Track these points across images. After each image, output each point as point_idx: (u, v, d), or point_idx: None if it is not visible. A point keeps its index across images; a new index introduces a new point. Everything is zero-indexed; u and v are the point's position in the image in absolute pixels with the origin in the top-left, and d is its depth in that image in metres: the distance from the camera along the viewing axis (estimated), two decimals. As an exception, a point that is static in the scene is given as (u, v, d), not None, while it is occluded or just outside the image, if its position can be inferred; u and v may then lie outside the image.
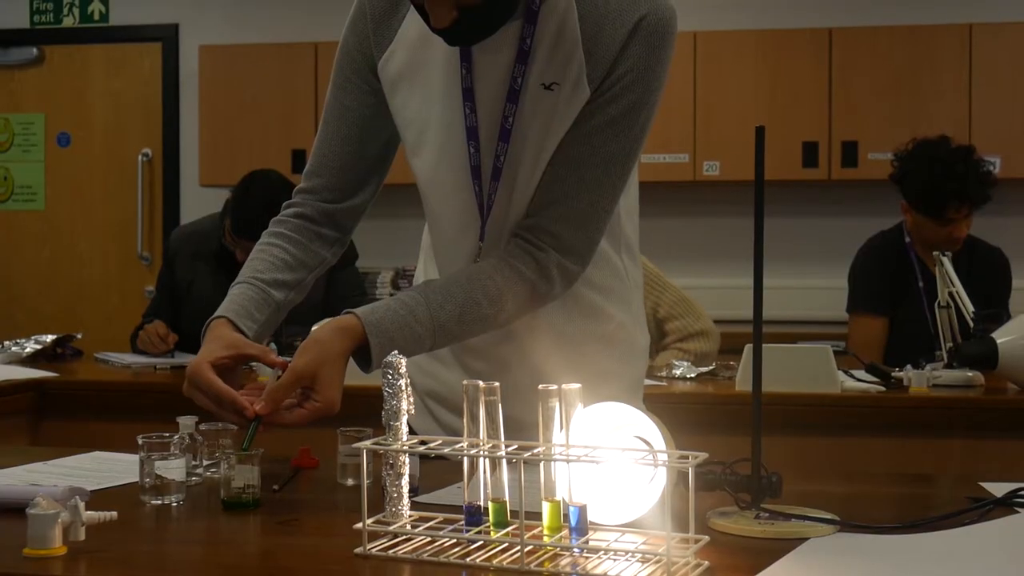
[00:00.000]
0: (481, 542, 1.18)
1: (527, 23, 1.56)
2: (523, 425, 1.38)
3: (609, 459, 1.17)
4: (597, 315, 1.73)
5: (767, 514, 1.30)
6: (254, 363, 3.15)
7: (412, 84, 1.64)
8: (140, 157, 6.27)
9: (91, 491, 1.36)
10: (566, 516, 1.17)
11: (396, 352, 1.28)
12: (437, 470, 1.57)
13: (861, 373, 2.98)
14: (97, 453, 1.78)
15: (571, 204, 1.60)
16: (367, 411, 1.67)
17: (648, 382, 1.87)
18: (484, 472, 1.21)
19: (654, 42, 1.55)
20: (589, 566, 1.12)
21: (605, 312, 1.73)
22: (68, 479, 1.54)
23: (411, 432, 1.70)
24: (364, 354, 1.52)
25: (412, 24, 1.62)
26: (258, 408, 1.46)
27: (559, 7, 1.56)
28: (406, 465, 1.26)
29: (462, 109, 1.60)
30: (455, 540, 1.20)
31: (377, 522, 1.22)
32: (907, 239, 3.61)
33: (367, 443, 1.23)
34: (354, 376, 1.53)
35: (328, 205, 1.74)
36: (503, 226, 1.65)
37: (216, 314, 1.61)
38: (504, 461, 1.20)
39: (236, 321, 1.59)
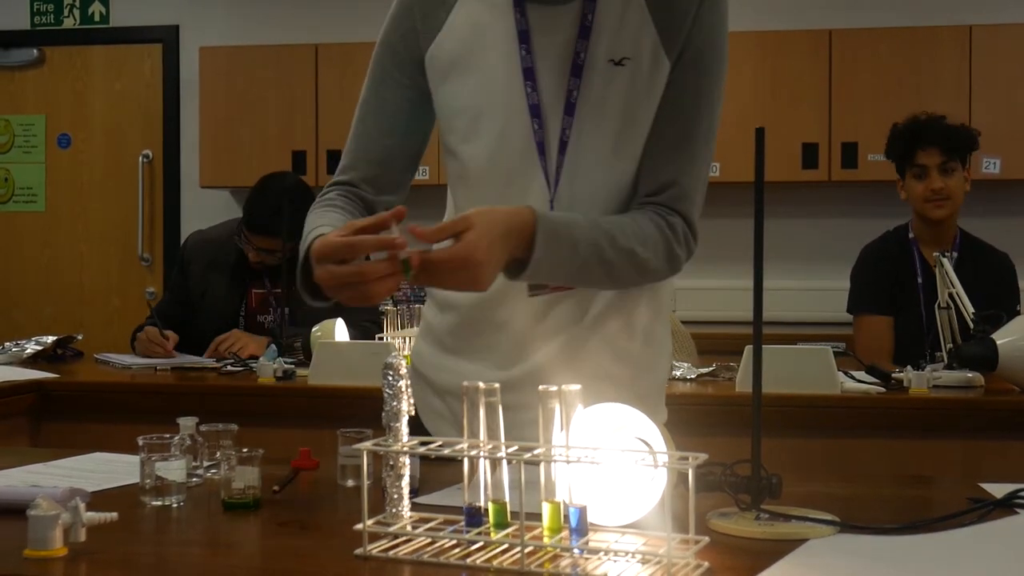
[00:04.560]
0: (481, 543, 1.18)
1: (587, 0, 1.59)
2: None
3: (609, 460, 1.17)
4: (650, 338, 1.74)
5: (767, 515, 1.30)
6: (253, 365, 3.20)
7: (465, 71, 1.64)
8: (140, 158, 6.27)
9: (91, 492, 1.36)
10: (566, 517, 1.17)
11: (396, 353, 1.28)
12: (438, 471, 1.57)
13: (861, 374, 2.98)
14: (97, 454, 1.78)
15: (684, 182, 1.63)
16: (367, 412, 1.67)
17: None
18: (484, 473, 1.21)
19: (722, 8, 1.62)
20: (589, 567, 1.12)
21: (656, 333, 1.75)
22: (68, 480, 1.54)
23: (426, 433, 1.71)
24: (519, 265, 1.50)
25: (462, 13, 1.65)
26: (419, 232, 1.38)
27: None
28: (406, 466, 1.26)
29: (523, 88, 1.61)
30: (455, 541, 1.20)
31: (377, 523, 1.23)
32: (911, 235, 3.61)
33: (367, 444, 1.23)
34: (354, 376, 1.54)
35: (368, 196, 1.72)
36: (571, 201, 1.64)
37: (314, 235, 1.50)
38: (504, 462, 1.20)
39: None
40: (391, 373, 1.26)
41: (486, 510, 1.21)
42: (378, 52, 1.72)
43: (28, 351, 3.56)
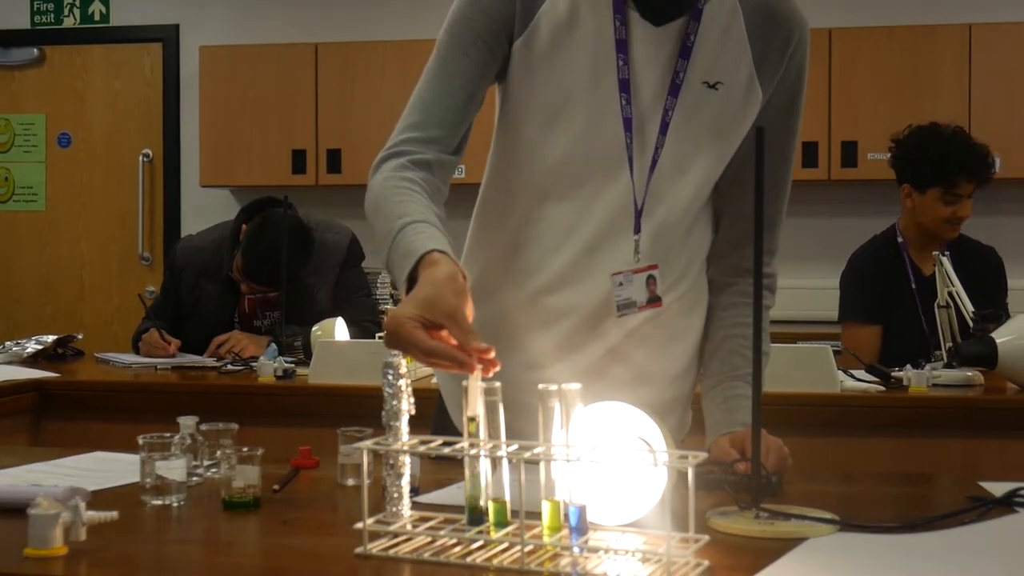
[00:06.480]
0: (481, 542, 1.18)
1: (691, 19, 1.59)
2: None
3: (609, 459, 1.17)
4: (693, 349, 1.76)
5: (767, 514, 1.30)
6: (254, 364, 3.20)
7: (551, 64, 1.61)
8: (140, 157, 6.27)
9: (92, 491, 1.36)
10: (566, 516, 1.18)
11: (395, 352, 1.28)
12: (437, 470, 1.57)
13: (861, 373, 2.98)
14: (98, 453, 1.78)
15: (776, 219, 1.76)
16: (367, 411, 1.67)
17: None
18: (484, 472, 1.21)
19: (807, 49, 1.66)
20: (589, 566, 1.13)
21: (697, 345, 1.77)
22: (69, 479, 1.54)
23: (456, 432, 1.69)
24: None
25: (556, 4, 1.60)
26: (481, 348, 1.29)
27: (725, 7, 1.60)
28: (406, 465, 1.26)
29: (617, 100, 1.60)
30: (455, 540, 1.20)
31: (377, 522, 1.23)
32: (900, 239, 3.59)
33: (367, 443, 1.23)
34: (354, 375, 1.54)
35: (446, 156, 1.61)
36: (654, 215, 1.63)
37: (433, 246, 1.40)
38: (504, 461, 1.20)
39: (455, 258, 1.41)
40: (391, 372, 1.26)
41: (486, 509, 1.21)
42: (468, 12, 1.62)
43: (28, 350, 3.57)
